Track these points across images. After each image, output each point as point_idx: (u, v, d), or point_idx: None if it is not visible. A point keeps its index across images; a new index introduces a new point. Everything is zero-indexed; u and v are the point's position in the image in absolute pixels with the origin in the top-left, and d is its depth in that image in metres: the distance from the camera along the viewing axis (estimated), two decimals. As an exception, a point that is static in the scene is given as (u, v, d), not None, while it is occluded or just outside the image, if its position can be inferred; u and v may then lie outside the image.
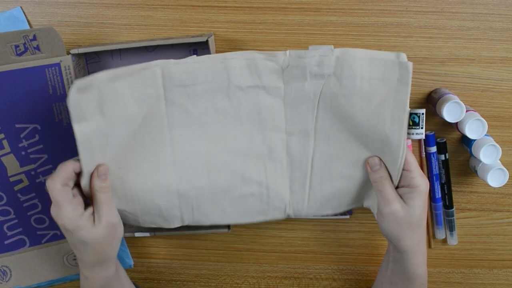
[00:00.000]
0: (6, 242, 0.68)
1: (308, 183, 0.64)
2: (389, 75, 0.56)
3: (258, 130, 0.62)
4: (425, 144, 0.69)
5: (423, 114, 0.62)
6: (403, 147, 0.58)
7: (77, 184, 0.57)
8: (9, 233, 0.68)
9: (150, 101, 0.59)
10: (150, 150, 0.61)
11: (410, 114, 0.61)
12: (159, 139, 0.61)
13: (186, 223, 0.65)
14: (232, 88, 0.60)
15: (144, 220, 0.63)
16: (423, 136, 0.63)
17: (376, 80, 0.57)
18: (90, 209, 0.56)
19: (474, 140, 0.64)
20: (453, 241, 0.73)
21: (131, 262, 0.77)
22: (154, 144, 0.61)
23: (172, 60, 0.58)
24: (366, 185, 0.64)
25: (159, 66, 0.58)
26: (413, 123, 0.62)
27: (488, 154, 0.63)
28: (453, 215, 0.71)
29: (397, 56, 0.56)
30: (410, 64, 0.55)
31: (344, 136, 0.61)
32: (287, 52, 0.58)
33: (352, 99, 0.58)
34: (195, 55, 0.59)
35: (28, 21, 0.66)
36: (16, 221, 0.68)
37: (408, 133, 0.62)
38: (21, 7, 0.66)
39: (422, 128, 0.62)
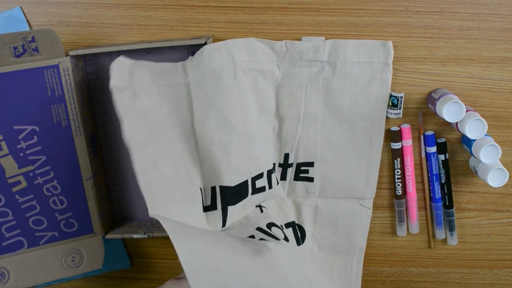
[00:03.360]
0: (4, 243, 0.68)
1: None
2: (375, 58, 0.64)
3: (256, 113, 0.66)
4: (425, 144, 0.69)
5: (401, 97, 0.66)
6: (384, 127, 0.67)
7: None
8: (7, 235, 0.67)
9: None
10: None
11: (390, 96, 0.66)
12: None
13: None
14: (238, 71, 0.63)
15: None
16: (400, 116, 0.67)
17: (364, 63, 0.64)
18: None
19: (474, 140, 0.64)
20: (453, 241, 0.73)
21: (128, 262, 0.77)
22: None
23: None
24: (350, 174, 0.69)
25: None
26: (392, 105, 0.66)
27: (488, 154, 0.63)
28: (453, 215, 0.71)
29: (383, 43, 0.64)
30: (390, 44, 0.64)
31: (332, 122, 0.67)
32: (283, 41, 0.64)
33: (343, 82, 0.65)
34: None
35: (27, 21, 0.66)
36: (14, 222, 0.67)
37: (388, 112, 0.67)
38: (20, 7, 0.65)
39: (400, 109, 0.66)
